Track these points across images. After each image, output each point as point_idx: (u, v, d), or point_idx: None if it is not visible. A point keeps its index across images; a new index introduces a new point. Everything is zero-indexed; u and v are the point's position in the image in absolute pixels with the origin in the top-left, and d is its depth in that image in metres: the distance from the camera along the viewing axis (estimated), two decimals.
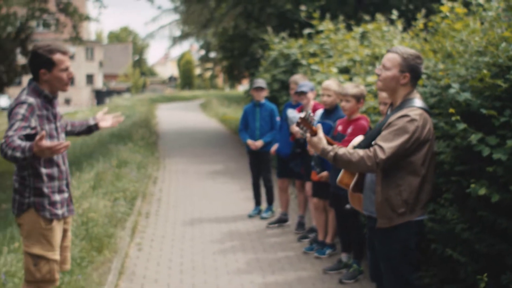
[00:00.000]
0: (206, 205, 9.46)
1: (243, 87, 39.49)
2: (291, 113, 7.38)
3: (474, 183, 3.94)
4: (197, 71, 69.64)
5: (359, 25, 11.14)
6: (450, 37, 5.52)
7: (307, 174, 7.05)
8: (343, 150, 3.75)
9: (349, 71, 8.80)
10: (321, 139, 3.87)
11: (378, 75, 3.91)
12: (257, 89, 8.31)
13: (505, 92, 4.03)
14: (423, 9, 9.17)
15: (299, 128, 3.92)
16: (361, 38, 10.41)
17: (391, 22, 10.54)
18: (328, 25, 11.11)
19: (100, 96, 55.35)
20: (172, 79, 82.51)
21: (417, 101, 3.80)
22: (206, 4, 21.67)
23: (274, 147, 8.05)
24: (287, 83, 9.70)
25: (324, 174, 6.31)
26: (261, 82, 8.44)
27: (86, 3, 57.03)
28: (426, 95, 4.90)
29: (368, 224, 4.07)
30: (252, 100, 8.61)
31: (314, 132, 3.92)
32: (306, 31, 11.83)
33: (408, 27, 10.02)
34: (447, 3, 6.14)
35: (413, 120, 3.67)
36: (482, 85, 4.15)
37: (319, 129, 3.91)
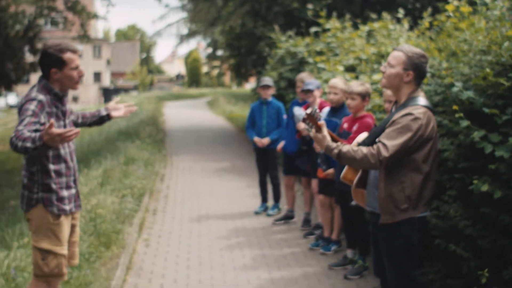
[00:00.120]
0: (212, 202, 9.54)
1: (250, 85, 39.57)
2: (298, 111, 7.44)
3: (476, 180, 3.99)
4: (204, 69, 69.82)
5: (366, 23, 11.16)
6: (454, 36, 5.56)
7: (313, 171, 7.12)
8: (347, 147, 3.81)
9: (355, 69, 8.84)
10: (325, 136, 3.93)
11: (383, 72, 3.97)
12: (264, 87, 8.37)
13: (507, 90, 4.07)
14: (429, 8, 9.20)
15: (305, 123, 3.98)
16: (368, 36, 10.44)
17: (397, 20, 10.57)
18: (334, 23, 11.14)
19: (107, 94, 55.46)
20: (179, 77, 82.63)
21: (421, 100, 3.85)
22: (213, 2, 21.74)
23: (280, 145, 8.11)
24: (293, 81, 9.75)
25: (330, 171, 6.37)
26: (268, 80, 8.50)
27: (94, 2, 57.23)
28: (430, 93, 4.94)
29: (371, 219, 4.13)
30: (259, 98, 8.67)
31: (319, 128, 3.98)
32: (312, 29, 11.86)
33: (414, 25, 10.05)
34: (453, 2, 6.17)
35: (417, 118, 3.72)
36: (485, 84, 4.20)
37: (323, 126, 3.97)
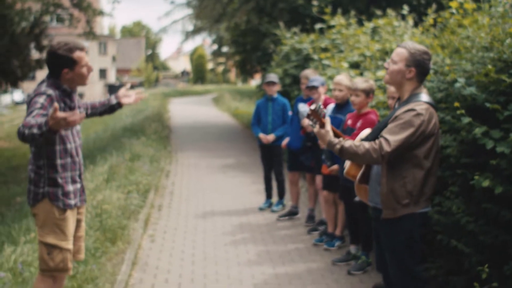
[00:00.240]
0: (217, 198, 9.58)
1: (256, 81, 39.54)
2: (302, 107, 7.47)
3: (478, 175, 4.03)
4: (210, 66, 69.86)
5: (371, 20, 11.18)
6: (457, 33, 5.59)
7: (317, 167, 7.15)
8: (349, 142, 3.85)
9: (359, 66, 8.86)
10: (328, 132, 3.97)
11: (386, 68, 4.00)
12: (269, 84, 8.40)
13: (509, 87, 4.10)
14: (433, 4, 9.21)
15: (309, 119, 4.03)
16: (372, 33, 10.46)
17: (402, 17, 10.58)
18: (339, 20, 11.16)
19: (113, 90, 55.56)
20: (184, 73, 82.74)
21: (424, 96, 3.88)
22: None
23: (285, 141, 8.15)
24: (298, 77, 9.79)
25: (334, 167, 6.40)
26: (273, 76, 8.52)
27: None
28: (433, 90, 4.98)
29: (373, 215, 4.17)
30: (264, 94, 8.71)
31: (323, 124, 4.02)
32: (317, 26, 11.89)
33: (419, 22, 10.06)
34: None
35: (419, 114, 3.75)
36: (487, 80, 4.24)
37: (327, 122, 4.01)
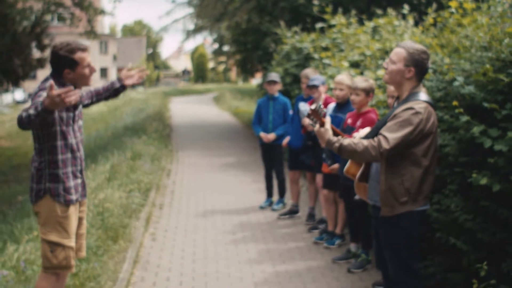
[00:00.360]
0: (218, 197, 9.62)
1: (256, 80, 39.58)
2: (303, 106, 7.51)
3: (476, 173, 4.07)
4: (211, 65, 69.85)
5: (371, 19, 11.20)
6: (457, 32, 5.62)
7: (317, 166, 7.19)
8: (348, 140, 3.89)
9: (359, 65, 8.89)
10: (327, 130, 4.01)
11: (385, 68, 4.04)
12: (270, 83, 8.43)
13: (507, 86, 4.14)
14: (434, 4, 9.24)
15: (310, 119, 4.07)
16: (373, 32, 10.48)
17: (402, 16, 10.60)
18: (340, 19, 11.18)
19: None
20: (185, 72, 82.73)
21: (422, 95, 3.92)
22: None
23: (285, 140, 8.19)
24: (299, 76, 9.82)
25: (335, 166, 6.44)
26: (274, 76, 8.55)
27: None
28: (432, 89, 5.01)
29: (373, 213, 4.21)
30: (266, 93, 8.73)
31: (323, 123, 4.06)
32: (318, 25, 11.91)
33: (420, 21, 10.09)
34: None
35: (418, 113, 3.79)
36: (485, 79, 4.27)
37: (327, 121, 4.05)
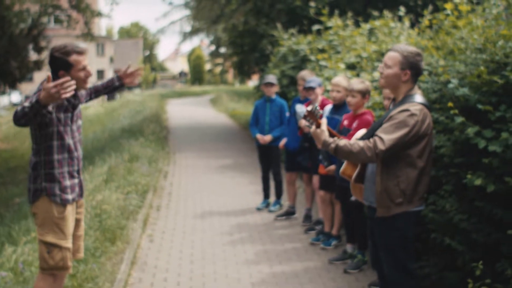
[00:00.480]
0: (215, 198, 9.65)
1: (253, 82, 39.63)
2: (300, 108, 7.53)
3: (470, 174, 4.11)
4: (207, 67, 69.89)
5: (367, 21, 11.25)
6: (451, 34, 5.67)
7: (314, 167, 7.23)
8: (343, 141, 3.93)
9: (356, 67, 8.93)
10: (323, 131, 4.05)
11: (381, 73, 4.07)
12: (268, 85, 8.47)
13: (501, 88, 4.19)
14: (430, 6, 9.28)
15: (306, 120, 4.11)
16: (369, 34, 10.53)
17: (399, 18, 10.65)
18: (336, 21, 11.22)
19: None
20: (182, 74, 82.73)
21: (418, 97, 3.97)
22: (216, 0, 21.83)
23: (282, 142, 8.23)
24: (296, 78, 9.85)
25: (331, 167, 6.47)
26: (271, 78, 8.59)
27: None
28: (428, 90, 5.05)
29: (368, 213, 4.25)
30: (263, 95, 8.78)
31: (319, 125, 4.10)
32: (315, 27, 11.95)
33: (416, 23, 10.13)
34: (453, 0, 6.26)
35: (413, 114, 3.83)
36: (479, 81, 4.32)
37: (323, 123, 4.08)
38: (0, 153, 20.83)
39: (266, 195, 8.95)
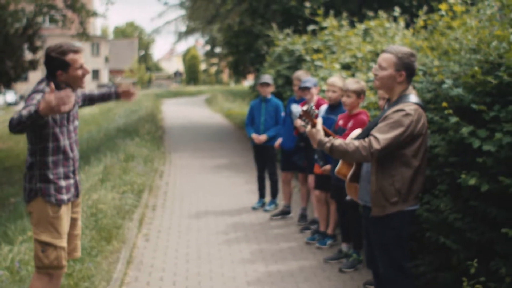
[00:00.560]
0: (211, 198, 9.67)
1: (249, 82, 39.64)
2: (295, 108, 7.57)
3: (464, 174, 4.15)
4: (203, 66, 69.89)
5: (363, 21, 11.29)
6: (446, 35, 5.71)
7: (309, 167, 7.26)
8: (339, 141, 3.96)
9: (351, 67, 8.97)
10: (319, 131, 4.08)
11: (375, 75, 4.10)
12: (263, 85, 8.49)
13: (495, 88, 4.22)
14: (425, 6, 9.33)
15: (302, 120, 4.13)
16: (364, 34, 10.57)
17: (394, 19, 10.69)
18: (331, 21, 11.27)
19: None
20: (177, 74, 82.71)
21: (413, 97, 4.00)
22: (211, 0, 21.85)
23: (278, 141, 8.26)
24: (291, 78, 9.88)
25: (327, 167, 6.50)
26: (267, 78, 8.61)
27: None
28: (422, 90, 5.09)
29: (363, 213, 4.27)
30: (258, 95, 8.81)
31: (314, 124, 4.12)
32: (310, 27, 11.98)
33: (411, 23, 10.18)
34: (447, 0, 6.30)
35: (408, 114, 3.86)
36: (474, 81, 4.36)
37: (318, 123, 4.11)
38: None
39: (261, 195, 8.97)
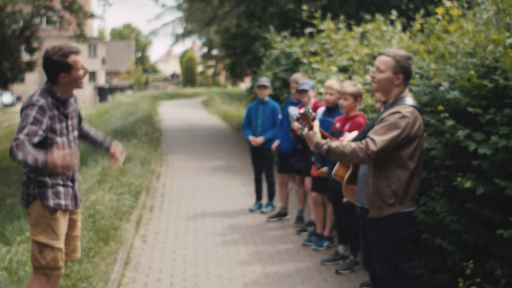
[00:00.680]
0: (208, 199, 9.70)
1: (245, 84, 39.71)
2: (292, 111, 7.60)
3: (460, 177, 4.19)
4: (199, 69, 69.93)
5: (360, 24, 11.34)
6: (442, 39, 5.75)
7: (306, 169, 7.29)
8: (336, 143, 4.00)
9: (348, 70, 9.01)
10: (316, 134, 4.11)
11: (372, 77, 4.13)
12: (261, 87, 8.52)
13: (491, 91, 4.27)
14: (421, 10, 9.38)
15: (299, 123, 4.17)
16: (361, 37, 10.61)
17: (391, 22, 10.74)
18: (329, 24, 11.31)
19: (102, 93, 55.42)
20: (174, 76, 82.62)
21: (409, 100, 4.03)
22: (209, 2, 21.89)
23: (275, 144, 8.29)
24: (288, 81, 9.91)
25: (324, 169, 6.53)
26: (264, 80, 8.64)
27: (90, 1, 57.21)
28: (419, 93, 5.13)
29: (360, 214, 4.31)
30: (256, 98, 8.84)
31: (311, 127, 4.16)
32: (307, 30, 12.03)
33: (408, 26, 10.22)
34: (446, 3, 6.34)
35: (405, 116, 3.90)
36: (470, 85, 4.40)
37: (315, 125, 4.15)
38: None
39: (258, 197, 9.00)
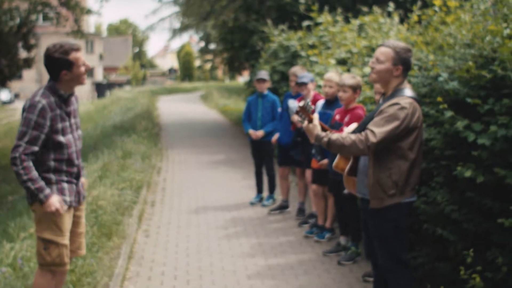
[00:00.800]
0: (209, 193, 9.74)
1: (244, 78, 39.68)
2: (292, 104, 7.63)
3: (460, 166, 4.23)
4: (197, 63, 69.77)
5: (357, 17, 11.36)
6: (440, 30, 5.79)
7: (307, 161, 7.33)
8: (336, 135, 4.04)
9: (346, 63, 9.04)
10: (315, 126, 4.15)
11: (372, 68, 4.17)
12: (260, 81, 8.56)
13: (489, 82, 4.31)
14: (419, 2, 9.41)
15: (298, 116, 4.20)
16: (359, 30, 10.64)
17: (388, 14, 10.77)
18: (326, 17, 11.33)
19: (100, 89, 55.35)
20: (172, 71, 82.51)
21: (407, 91, 4.07)
22: None
23: (275, 137, 8.33)
24: (287, 74, 9.93)
25: (324, 161, 6.58)
26: (263, 74, 8.67)
27: None
28: (418, 85, 5.17)
29: (361, 205, 4.35)
30: (255, 91, 8.87)
31: (311, 119, 4.20)
32: (305, 23, 12.05)
33: (405, 18, 10.26)
34: None
35: (404, 108, 3.94)
36: (468, 76, 4.44)
37: (315, 118, 4.19)
38: None
39: (259, 190, 9.05)
